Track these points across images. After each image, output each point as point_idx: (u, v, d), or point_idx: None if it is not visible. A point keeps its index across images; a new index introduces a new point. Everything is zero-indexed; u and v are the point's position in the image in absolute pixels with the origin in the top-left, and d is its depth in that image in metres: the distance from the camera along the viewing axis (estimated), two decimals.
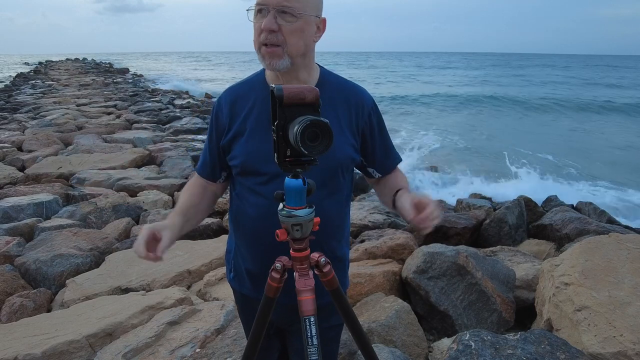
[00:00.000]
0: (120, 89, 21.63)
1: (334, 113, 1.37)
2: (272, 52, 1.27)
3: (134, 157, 7.27)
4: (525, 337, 2.22)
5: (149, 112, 12.94)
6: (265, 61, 1.30)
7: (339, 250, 1.47)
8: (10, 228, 4.29)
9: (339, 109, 1.38)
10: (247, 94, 1.40)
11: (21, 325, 2.75)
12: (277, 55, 1.28)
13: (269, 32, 1.25)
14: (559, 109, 21.59)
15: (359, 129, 1.41)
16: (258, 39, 1.29)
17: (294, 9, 1.25)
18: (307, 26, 1.30)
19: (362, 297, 3.04)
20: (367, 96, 1.45)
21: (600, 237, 3.06)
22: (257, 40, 1.29)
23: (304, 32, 1.29)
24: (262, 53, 1.29)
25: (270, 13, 1.25)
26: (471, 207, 5.36)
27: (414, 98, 24.96)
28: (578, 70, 61.16)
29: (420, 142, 12.11)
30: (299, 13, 1.26)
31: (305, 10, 1.27)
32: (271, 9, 1.25)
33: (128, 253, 3.77)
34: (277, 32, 1.25)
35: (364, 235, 4.10)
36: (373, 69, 58.27)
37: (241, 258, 1.48)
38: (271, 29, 1.25)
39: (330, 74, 1.45)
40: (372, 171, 1.49)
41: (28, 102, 15.51)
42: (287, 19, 1.25)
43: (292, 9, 1.25)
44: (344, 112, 1.39)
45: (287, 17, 1.25)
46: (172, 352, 2.41)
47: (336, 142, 1.36)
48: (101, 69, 44.00)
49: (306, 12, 1.28)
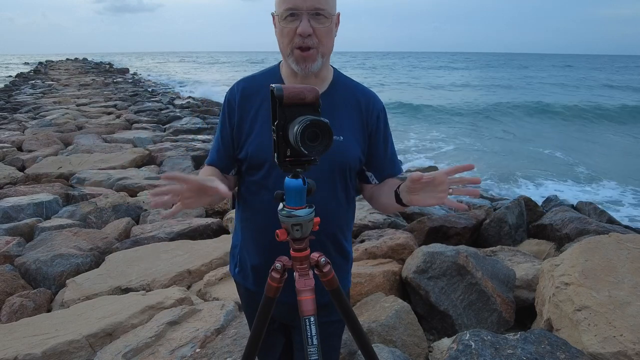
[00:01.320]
0: (120, 89, 21.64)
1: (346, 113, 1.38)
2: (308, 56, 1.29)
3: (134, 157, 7.28)
4: (525, 337, 2.22)
5: (149, 112, 12.95)
6: (299, 65, 1.31)
7: (347, 246, 1.49)
8: (10, 228, 4.29)
9: (350, 109, 1.40)
10: (260, 87, 1.40)
11: (21, 325, 2.75)
12: (312, 59, 1.30)
13: (305, 36, 1.26)
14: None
15: (366, 130, 1.42)
16: (290, 43, 1.29)
17: (326, 11, 1.27)
18: (334, 25, 1.34)
19: (362, 297, 3.04)
20: (378, 100, 1.46)
21: (600, 237, 3.06)
22: (289, 44, 1.30)
23: (332, 31, 1.33)
24: (295, 56, 1.30)
25: (304, 17, 1.26)
26: (471, 207, 5.37)
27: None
28: (588, 71, 59.35)
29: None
30: (330, 14, 1.29)
31: (332, 11, 1.31)
32: (305, 13, 1.26)
33: (128, 253, 3.78)
34: (311, 35, 1.27)
35: (364, 235, 4.10)
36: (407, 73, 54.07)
37: (247, 253, 1.48)
38: (309, 33, 1.26)
39: (343, 75, 1.47)
40: (370, 176, 1.48)
41: (28, 102, 15.51)
42: (321, 21, 1.28)
43: (324, 11, 1.27)
44: (355, 114, 1.40)
45: (320, 20, 1.27)
46: (172, 352, 2.41)
47: (346, 141, 1.35)
48: (101, 69, 44.01)
49: (333, 12, 1.31)
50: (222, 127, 1.44)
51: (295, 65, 1.32)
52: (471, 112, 21.19)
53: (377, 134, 1.44)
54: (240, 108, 1.39)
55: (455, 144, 13.63)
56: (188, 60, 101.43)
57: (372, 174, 1.48)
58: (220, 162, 1.46)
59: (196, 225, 4.35)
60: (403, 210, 1.44)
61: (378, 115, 1.43)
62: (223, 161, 1.45)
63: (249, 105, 1.39)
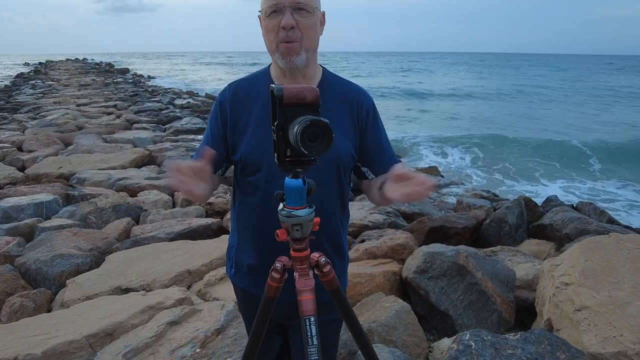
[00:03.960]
0: (120, 89, 21.65)
1: (335, 111, 1.39)
2: (291, 47, 1.31)
3: (134, 157, 7.28)
4: (526, 337, 2.22)
5: (149, 112, 12.96)
6: (284, 59, 1.33)
7: (343, 244, 1.51)
8: (11, 228, 4.29)
9: (339, 107, 1.41)
10: (251, 89, 1.42)
11: (21, 325, 2.75)
12: (295, 51, 1.31)
13: (289, 29, 1.29)
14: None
15: (357, 127, 1.44)
16: (275, 38, 1.31)
17: (308, 5, 1.30)
18: (317, 20, 1.36)
19: (362, 297, 3.04)
20: (367, 96, 1.48)
21: (600, 237, 3.06)
22: (274, 39, 1.32)
23: (316, 26, 1.35)
24: (280, 50, 1.32)
25: (287, 11, 1.29)
26: (471, 207, 5.37)
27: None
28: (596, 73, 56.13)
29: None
30: (313, 8, 1.31)
31: (315, 5, 1.33)
32: (287, 7, 1.29)
33: (128, 253, 3.78)
34: (294, 28, 1.29)
35: (364, 235, 4.10)
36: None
37: (243, 253, 1.49)
38: (291, 26, 1.29)
39: (332, 74, 1.49)
40: (366, 171, 1.48)
41: (28, 102, 15.52)
42: (303, 15, 1.30)
43: (307, 5, 1.30)
44: (345, 111, 1.42)
45: (302, 14, 1.30)
46: (172, 352, 2.41)
47: (338, 139, 1.36)
48: (101, 69, 44.02)
49: (316, 7, 1.33)
50: (212, 127, 1.45)
51: (281, 60, 1.33)
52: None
53: (367, 129, 1.46)
54: (232, 110, 1.40)
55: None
56: (205, 59, 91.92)
57: (367, 169, 1.48)
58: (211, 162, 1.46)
59: (196, 225, 4.35)
60: (389, 204, 1.44)
61: (368, 111, 1.45)
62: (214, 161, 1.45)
63: (242, 108, 1.40)
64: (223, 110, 1.42)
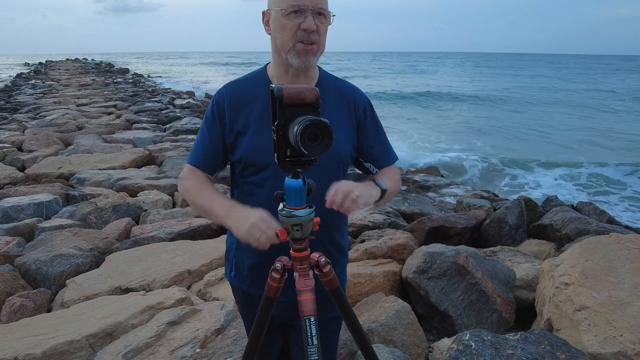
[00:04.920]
0: (120, 89, 21.64)
1: (334, 110, 1.41)
2: (310, 50, 1.34)
3: (134, 157, 7.28)
4: (526, 337, 2.22)
5: (149, 112, 12.95)
6: (299, 58, 1.35)
7: (343, 242, 1.53)
8: (10, 228, 4.29)
9: (338, 105, 1.44)
10: (249, 90, 1.43)
11: (21, 325, 2.75)
12: (313, 53, 1.35)
13: (310, 32, 1.32)
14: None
15: (355, 124, 1.47)
16: (293, 37, 1.33)
17: (327, 11, 1.35)
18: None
19: (362, 297, 3.04)
20: (362, 94, 1.52)
21: (600, 237, 3.06)
22: (292, 38, 1.34)
23: (327, 32, 1.39)
24: (297, 50, 1.34)
25: (309, 14, 1.32)
26: (471, 207, 5.37)
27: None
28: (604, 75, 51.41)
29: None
30: (329, 15, 1.36)
31: (330, 12, 1.37)
32: (309, 11, 1.31)
33: (128, 253, 3.78)
34: (314, 32, 1.33)
35: (364, 235, 4.10)
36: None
37: (243, 254, 1.48)
38: (313, 29, 1.32)
39: (328, 73, 1.52)
40: (370, 166, 1.53)
41: (28, 102, 15.52)
42: (322, 20, 1.35)
43: (326, 11, 1.35)
44: (343, 109, 1.45)
45: (322, 19, 1.35)
46: (172, 352, 2.41)
47: (337, 137, 1.37)
48: (101, 69, 44.02)
49: (331, 14, 1.37)
50: (210, 128, 1.44)
51: (295, 59, 1.35)
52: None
53: (366, 125, 1.49)
54: (230, 111, 1.41)
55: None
56: (212, 62, 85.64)
57: (370, 164, 1.53)
58: (207, 163, 1.46)
59: (196, 225, 4.35)
60: (385, 199, 1.48)
61: (364, 108, 1.49)
62: (210, 162, 1.46)
63: (240, 108, 1.40)
64: (221, 110, 1.42)
